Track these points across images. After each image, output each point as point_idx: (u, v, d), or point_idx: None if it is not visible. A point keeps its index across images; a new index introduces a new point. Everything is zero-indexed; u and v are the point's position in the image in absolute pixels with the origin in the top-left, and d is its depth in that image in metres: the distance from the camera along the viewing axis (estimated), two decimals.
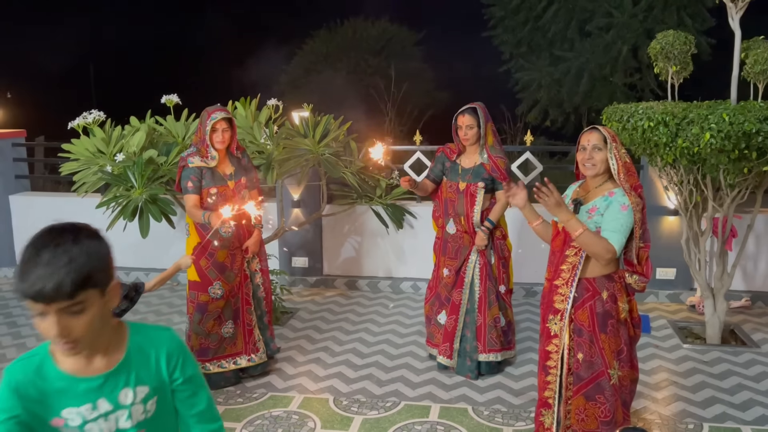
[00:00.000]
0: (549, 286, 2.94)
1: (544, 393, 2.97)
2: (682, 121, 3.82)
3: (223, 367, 3.96)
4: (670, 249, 5.40)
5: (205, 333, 3.91)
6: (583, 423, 2.86)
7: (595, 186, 2.89)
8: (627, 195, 2.77)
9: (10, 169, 6.55)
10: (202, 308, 3.89)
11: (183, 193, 3.84)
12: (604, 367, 2.81)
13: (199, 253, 3.86)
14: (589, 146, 2.84)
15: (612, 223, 2.74)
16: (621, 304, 2.85)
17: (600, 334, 2.81)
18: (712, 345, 4.56)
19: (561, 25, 13.72)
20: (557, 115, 14.46)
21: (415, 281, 5.90)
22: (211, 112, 3.84)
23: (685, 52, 4.36)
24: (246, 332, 4.01)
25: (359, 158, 5.28)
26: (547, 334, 2.92)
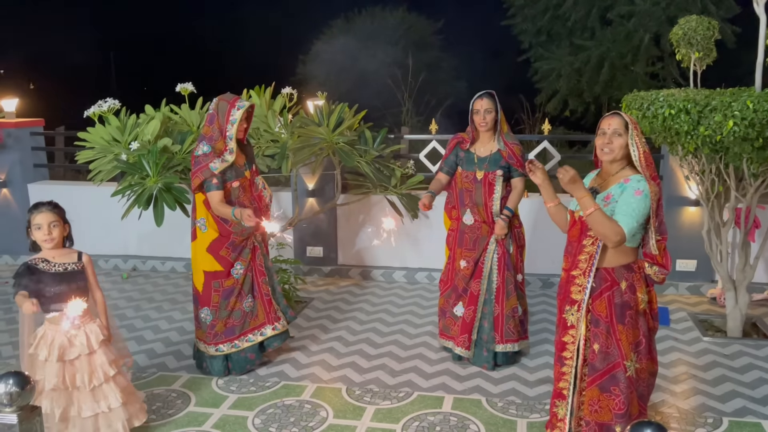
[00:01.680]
0: (566, 277, 2.88)
1: (559, 384, 2.92)
2: (705, 108, 3.71)
3: (251, 341, 3.96)
4: (691, 240, 5.29)
5: (228, 313, 3.91)
6: (597, 414, 2.81)
7: (612, 173, 2.82)
8: (646, 181, 2.70)
9: (28, 158, 6.61)
10: (229, 292, 3.90)
11: (206, 191, 3.76)
12: (621, 358, 2.76)
13: (219, 244, 3.85)
14: (609, 131, 2.76)
15: (624, 207, 2.68)
16: (640, 294, 2.79)
17: (617, 325, 2.76)
18: (733, 338, 4.47)
19: (581, 14, 13.53)
20: (577, 105, 14.30)
21: (430, 272, 5.86)
22: (232, 101, 3.76)
23: (708, 38, 4.25)
24: (265, 302, 4.01)
25: (375, 147, 5.23)
26: (564, 324, 2.87)
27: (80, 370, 3.00)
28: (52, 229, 2.98)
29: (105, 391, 3.05)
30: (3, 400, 1.70)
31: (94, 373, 3.02)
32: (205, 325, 3.93)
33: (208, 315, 3.91)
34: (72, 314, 2.77)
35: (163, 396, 3.76)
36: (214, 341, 3.92)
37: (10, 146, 6.46)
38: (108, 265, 6.38)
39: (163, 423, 3.46)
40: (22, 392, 1.71)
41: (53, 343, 2.97)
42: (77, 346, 2.99)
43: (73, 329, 2.98)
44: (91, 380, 3.01)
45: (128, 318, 5.05)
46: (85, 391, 3.00)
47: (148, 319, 5.04)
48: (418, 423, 3.44)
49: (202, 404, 3.67)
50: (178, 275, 6.17)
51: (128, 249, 6.43)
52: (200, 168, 3.73)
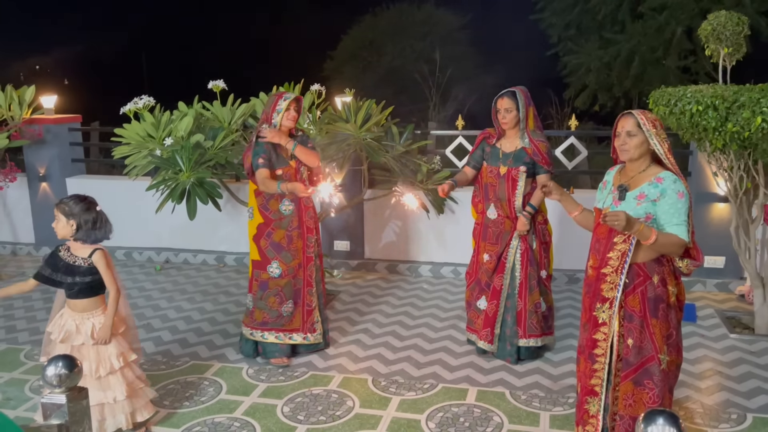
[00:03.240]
0: (596, 275, 2.87)
1: (590, 381, 2.91)
2: (733, 104, 3.70)
3: (279, 339, 4.12)
4: (719, 237, 5.26)
5: (267, 307, 4.08)
6: (631, 408, 2.82)
7: (639, 171, 2.82)
8: (680, 179, 2.72)
9: (66, 153, 6.83)
10: (264, 285, 4.08)
11: (254, 169, 3.94)
12: (654, 352, 2.76)
13: (259, 233, 4.06)
14: (623, 132, 2.80)
15: (675, 216, 2.69)
16: (670, 287, 2.80)
17: (651, 319, 2.77)
18: (761, 335, 4.44)
19: (612, 7, 13.34)
20: (606, 99, 14.12)
21: (456, 266, 5.91)
22: (279, 94, 4.01)
23: (737, 34, 4.21)
24: (305, 312, 4.13)
25: (401, 143, 5.30)
26: (594, 322, 2.86)
27: (87, 358, 3.10)
28: (57, 223, 3.14)
29: (111, 382, 3.14)
30: (53, 381, 1.81)
31: (101, 363, 3.12)
32: (247, 310, 4.19)
33: (250, 301, 4.17)
34: None
35: (196, 384, 3.90)
36: (251, 325, 4.14)
37: (50, 142, 6.68)
38: (142, 257, 6.57)
39: (197, 409, 3.59)
40: (71, 374, 1.82)
41: (64, 326, 3.13)
42: (82, 334, 3.11)
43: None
44: (97, 369, 3.11)
45: (162, 309, 5.21)
46: (91, 379, 3.08)
47: (181, 309, 5.19)
48: (442, 414, 3.52)
49: (233, 392, 3.79)
50: (209, 267, 6.33)
51: (161, 242, 6.61)
52: (249, 148, 3.99)
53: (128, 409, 3.20)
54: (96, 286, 3.15)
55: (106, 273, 3.13)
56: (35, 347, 4.44)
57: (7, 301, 5.34)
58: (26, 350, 4.40)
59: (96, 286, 3.15)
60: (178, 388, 3.84)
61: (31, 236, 6.92)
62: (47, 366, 1.84)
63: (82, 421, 1.80)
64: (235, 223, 6.35)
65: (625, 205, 2.78)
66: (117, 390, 3.14)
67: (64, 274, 3.12)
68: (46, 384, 1.83)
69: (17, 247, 6.88)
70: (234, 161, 5.09)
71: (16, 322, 4.93)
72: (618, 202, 2.82)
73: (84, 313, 3.14)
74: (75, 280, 3.11)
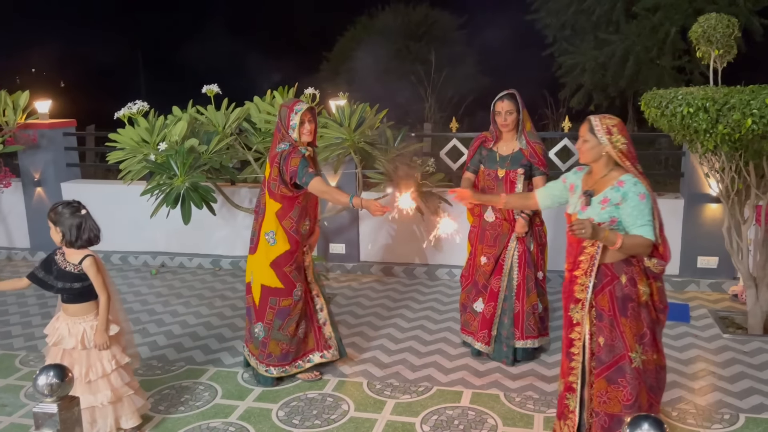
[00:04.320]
0: (569, 277, 2.98)
1: (569, 378, 3.02)
2: (723, 106, 3.72)
3: (300, 368, 3.92)
4: (712, 237, 5.28)
5: (288, 338, 3.83)
6: (606, 405, 2.91)
7: (602, 175, 2.90)
8: (640, 180, 2.81)
9: (61, 158, 6.84)
10: (284, 313, 3.80)
11: (306, 180, 3.55)
12: (626, 350, 2.85)
13: (285, 260, 3.76)
14: (580, 137, 2.92)
15: (639, 218, 2.77)
16: (641, 287, 2.87)
17: (620, 318, 2.85)
18: (754, 335, 4.47)
19: (606, 7, 13.38)
20: (602, 99, 14.15)
21: (451, 268, 5.93)
22: (291, 105, 3.69)
23: (728, 36, 4.24)
24: (316, 329, 3.97)
25: (395, 146, 5.31)
26: (570, 322, 2.98)
27: (78, 362, 3.13)
28: (50, 231, 3.16)
29: (100, 386, 3.16)
30: (44, 391, 1.83)
31: (92, 368, 3.14)
32: (257, 341, 3.85)
33: (261, 331, 3.83)
34: None
35: (191, 388, 3.91)
36: (266, 361, 3.84)
37: (44, 146, 6.69)
38: (138, 262, 6.57)
39: (192, 414, 3.60)
40: (62, 383, 1.83)
41: (58, 329, 3.17)
42: (73, 338, 3.13)
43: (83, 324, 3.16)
44: (87, 374, 3.12)
45: (157, 313, 5.22)
46: (81, 383, 3.10)
47: (176, 314, 5.20)
48: (436, 417, 3.53)
49: (228, 397, 3.80)
50: (205, 271, 6.34)
51: (157, 246, 6.62)
52: (290, 154, 3.61)
53: (113, 415, 3.21)
54: (85, 292, 3.15)
55: (96, 279, 3.13)
56: (30, 353, 4.44)
57: (2, 307, 5.35)
58: (21, 356, 4.41)
59: (85, 292, 3.15)
60: (173, 393, 3.85)
61: (27, 241, 6.92)
62: (38, 375, 1.86)
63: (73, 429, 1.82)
64: (230, 227, 6.36)
65: (590, 210, 2.87)
66: (105, 394, 3.15)
67: (56, 278, 3.14)
68: (38, 393, 1.85)
69: (12, 252, 6.88)
70: (229, 165, 5.10)
71: (11, 327, 4.93)
72: (585, 207, 2.90)
73: (76, 317, 3.16)
74: (65, 285, 3.13)
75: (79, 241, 3.13)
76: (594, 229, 2.69)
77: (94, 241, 3.18)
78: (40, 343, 4.60)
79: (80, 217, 3.13)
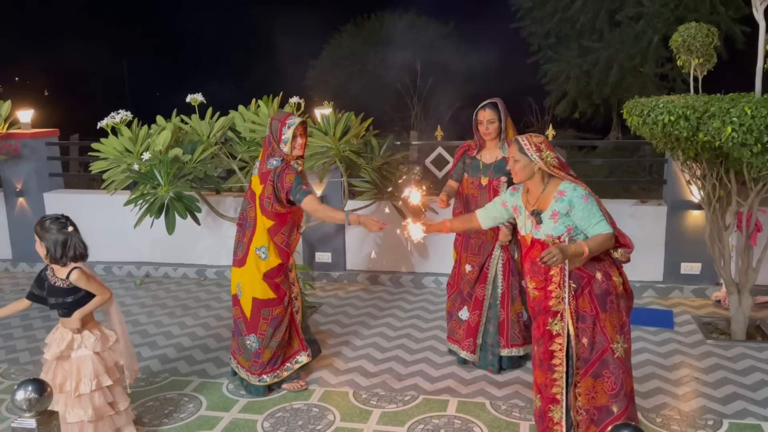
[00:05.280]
0: (543, 294, 3.01)
1: (552, 390, 3.02)
2: (703, 114, 3.76)
3: (290, 369, 3.93)
4: (695, 243, 5.33)
5: (278, 344, 3.85)
6: (593, 400, 2.98)
7: (541, 191, 3.00)
8: (576, 183, 2.94)
9: (44, 168, 6.78)
10: (277, 321, 3.82)
11: (299, 197, 3.60)
12: (607, 343, 2.94)
13: (276, 272, 3.78)
14: (510, 159, 3.02)
15: (591, 218, 2.89)
16: (615, 278, 2.98)
17: (601, 314, 2.94)
18: (737, 341, 4.51)
19: (590, 15, 13.51)
20: (586, 107, 14.28)
21: (437, 276, 5.93)
22: (283, 119, 3.67)
23: (707, 45, 4.29)
24: (296, 331, 3.99)
25: (381, 155, 5.32)
26: (549, 335, 3.01)
27: (70, 375, 3.09)
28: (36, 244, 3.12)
29: (84, 403, 3.10)
30: (22, 406, 1.80)
31: (81, 382, 3.09)
32: (249, 353, 3.84)
33: (254, 342, 3.82)
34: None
35: (176, 400, 3.87)
36: (258, 371, 3.84)
37: (26, 156, 6.62)
38: (122, 272, 6.52)
39: (176, 426, 3.57)
40: (41, 398, 1.81)
41: (55, 339, 3.15)
42: (69, 349, 3.10)
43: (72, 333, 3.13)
44: (77, 387, 3.08)
45: (141, 324, 5.17)
46: (71, 396, 3.07)
47: (161, 324, 5.15)
48: (423, 426, 3.52)
49: (213, 408, 3.77)
50: (190, 281, 6.30)
51: (141, 256, 6.57)
52: (284, 171, 3.63)
53: None
54: (78, 305, 3.12)
55: (90, 286, 3.11)
56: (12, 366, 4.38)
57: None
58: (2, 369, 4.35)
59: (78, 305, 3.12)
60: (157, 405, 3.82)
61: (8, 252, 6.84)
62: (17, 390, 1.83)
63: None
64: (215, 236, 6.33)
65: (544, 227, 2.97)
66: (87, 411, 3.09)
67: (48, 294, 3.12)
68: (16, 408, 1.82)
69: None
70: (213, 174, 5.08)
71: None
72: (537, 226, 2.99)
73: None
74: (57, 300, 3.11)
75: (63, 258, 3.07)
76: (562, 252, 2.76)
77: (80, 259, 3.13)
78: (21, 356, 4.55)
79: (66, 234, 3.07)
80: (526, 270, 3.10)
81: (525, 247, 3.09)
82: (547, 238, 2.94)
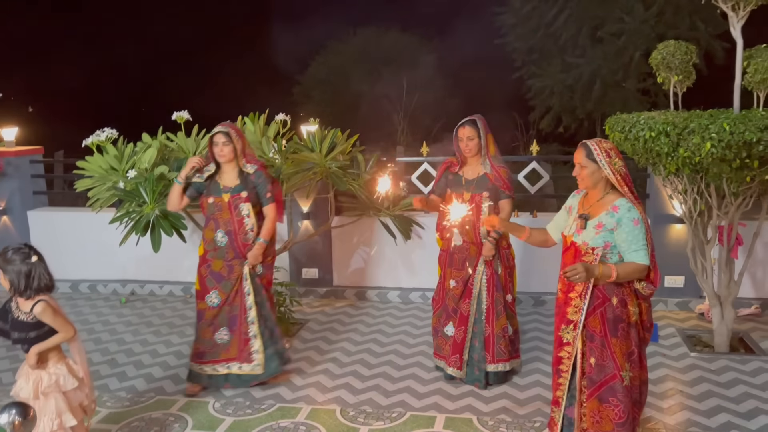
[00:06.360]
0: (564, 298, 3.03)
1: (556, 392, 3.11)
2: (683, 131, 3.83)
3: (217, 371, 4.10)
4: (678, 257, 5.39)
5: (200, 338, 4.12)
6: (598, 425, 2.95)
7: (598, 199, 2.97)
8: (635, 205, 2.87)
9: (28, 186, 6.73)
10: (200, 315, 4.12)
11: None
12: (617, 370, 2.90)
13: (200, 263, 4.12)
14: (577, 165, 2.96)
15: (633, 243, 2.84)
16: (631, 308, 2.94)
17: (611, 338, 2.91)
18: (720, 353, 4.55)
19: (572, 32, 13.73)
20: (570, 121, 14.45)
21: (424, 291, 5.95)
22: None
23: (686, 62, 4.38)
24: (242, 341, 4.08)
25: (367, 171, 5.35)
26: (560, 341, 3.04)
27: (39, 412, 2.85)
28: None
29: None
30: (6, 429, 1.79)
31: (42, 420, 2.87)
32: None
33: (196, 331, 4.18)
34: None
35: (161, 420, 3.84)
36: (193, 359, 4.15)
37: (10, 174, 6.57)
38: (107, 290, 6.46)
39: None
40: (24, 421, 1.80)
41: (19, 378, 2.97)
42: (28, 388, 2.91)
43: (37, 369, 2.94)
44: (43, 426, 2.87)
45: (126, 343, 5.13)
46: None
47: (147, 343, 5.11)
48: None
49: (199, 427, 3.74)
50: (176, 299, 6.26)
51: (127, 274, 6.52)
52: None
53: None
54: (41, 341, 2.92)
55: (55, 321, 2.91)
56: None
57: None
58: None
59: (41, 341, 2.92)
60: (142, 425, 3.78)
61: None
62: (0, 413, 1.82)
63: None
64: None
65: (585, 233, 2.94)
66: None
67: (11, 328, 2.91)
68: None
69: None
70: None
71: None
72: (580, 230, 2.97)
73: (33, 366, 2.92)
74: (20, 336, 2.90)
75: (28, 291, 2.86)
76: (588, 271, 2.75)
77: (45, 290, 2.92)
78: (4, 377, 4.49)
79: (29, 265, 2.87)
80: (561, 268, 3.05)
81: (564, 246, 3.06)
82: (583, 245, 2.92)
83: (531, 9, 14.17)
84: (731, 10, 4.09)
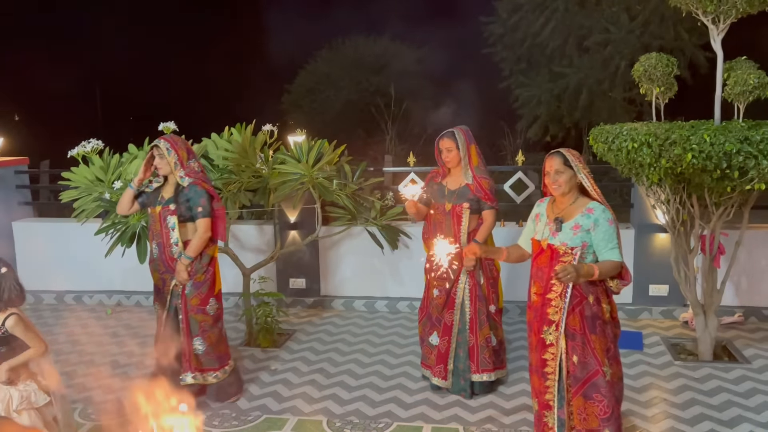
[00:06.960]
0: (541, 300, 3.12)
1: (545, 396, 3.14)
2: (665, 142, 3.88)
3: (197, 380, 4.07)
4: (662, 266, 5.44)
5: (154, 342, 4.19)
6: (585, 422, 3.04)
7: (570, 203, 3.11)
8: (607, 207, 3.04)
9: (13, 197, 6.69)
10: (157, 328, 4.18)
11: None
12: (598, 365, 3.02)
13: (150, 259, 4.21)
14: (552, 171, 3.07)
15: (609, 242, 3.00)
16: (604, 305, 3.08)
17: (590, 335, 3.02)
18: (704, 361, 4.60)
19: (559, 42, 13.84)
20: (557, 130, 14.54)
21: (411, 301, 5.96)
22: None
23: (668, 74, 4.44)
24: (187, 351, 4.03)
25: (354, 181, 5.37)
26: (543, 344, 3.11)
27: None
28: None
29: None
30: None
31: None
32: None
33: None
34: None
35: None
36: None
37: None
38: (93, 301, 6.42)
39: None
40: None
41: None
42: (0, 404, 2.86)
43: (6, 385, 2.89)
44: None
45: (113, 354, 5.10)
46: None
47: (133, 354, 5.08)
48: None
49: None
50: None
51: (113, 284, 6.48)
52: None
53: None
54: (11, 356, 2.88)
55: (26, 335, 2.86)
56: None
57: None
58: None
59: (11, 356, 2.88)
60: None
61: None
62: None
63: None
64: None
65: (561, 235, 3.06)
66: None
67: None
68: None
69: None
70: None
71: None
72: (555, 233, 3.08)
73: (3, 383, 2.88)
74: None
75: None
76: (577, 271, 2.85)
77: (14, 303, 2.86)
78: None
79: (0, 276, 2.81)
80: (531, 273, 3.19)
81: (535, 251, 3.16)
82: (562, 245, 3.03)
83: (518, 19, 14.28)
84: (711, 23, 4.16)
